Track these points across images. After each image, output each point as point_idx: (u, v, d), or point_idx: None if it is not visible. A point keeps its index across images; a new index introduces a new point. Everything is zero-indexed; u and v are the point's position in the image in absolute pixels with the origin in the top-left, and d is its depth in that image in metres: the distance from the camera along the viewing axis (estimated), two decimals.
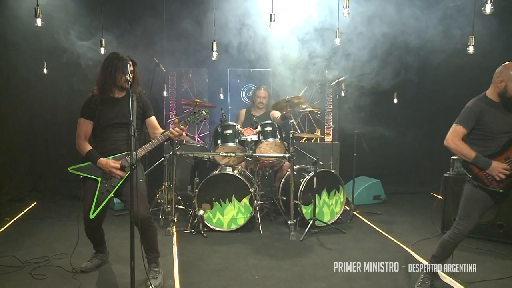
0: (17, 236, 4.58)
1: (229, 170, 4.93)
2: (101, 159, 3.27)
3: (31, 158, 6.64)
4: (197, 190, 4.77)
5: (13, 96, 6.09)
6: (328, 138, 6.92)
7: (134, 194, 2.80)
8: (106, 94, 3.30)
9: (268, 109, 5.89)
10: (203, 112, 3.47)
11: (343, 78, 5.71)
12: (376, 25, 5.76)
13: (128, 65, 3.04)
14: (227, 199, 4.78)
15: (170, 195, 5.11)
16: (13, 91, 6.09)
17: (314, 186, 4.75)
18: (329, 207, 5.02)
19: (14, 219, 5.23)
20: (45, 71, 5.88)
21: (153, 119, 3.53)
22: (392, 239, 4.58)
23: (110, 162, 3.26)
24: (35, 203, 6.04)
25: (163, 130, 3.45)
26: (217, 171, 4.98)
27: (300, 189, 4.89)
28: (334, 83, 5.88)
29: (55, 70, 6.03)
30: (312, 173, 4.86)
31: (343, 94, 5.65)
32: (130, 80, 2.95)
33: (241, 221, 4.78)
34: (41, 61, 5.91)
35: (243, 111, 5.94)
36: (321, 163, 5.03)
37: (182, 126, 3.32)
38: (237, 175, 4.78)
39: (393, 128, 6.55)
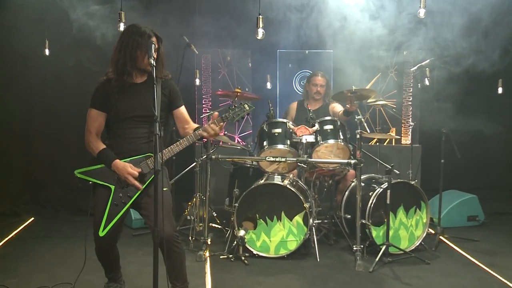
0: (10, 260, 4.70)
1: (277, 180, 4.91)
2: (117, 161, 3.28)
3: (27, 160, 6.78)
4: (236, 205, 4.78)
5: (5, 80, 6.22)
6: (407, 140, 6.78)
7: (159, 207, 2.79)
8: (124, 78, 3.31)
9: (326, 101, 5.83)
10: (246, 106, 3.45)
11: (427, 61, 5.55)
12: None
13: (153, 44, 3.06)
14: (275, 217, 4.75)
15: (203, 210, 5.14)
16: (6, 73, 6.21)
17: (388, 202, 4.65)
18: (408, 229, 4.90)
19: (6, 238, 5.38)
20: (47, 52, 6.05)
21: (182, 110, 3.53)
22: (496, 275, 4.39)
23: (127, 167, 3.26)
24: (32, 218, 6.21)
25: (196, 126, 3.44)
26: (262, 181, 4.97)
27: (369, 205, 4.81)
28: (415, 68, 5.74)
29: (60, 47, 6.13)
30: (385, 185, 4.75)
31: (427, 83, 5.51)
32: (154, 64, 2.97)
33: (292, 245, 4.74)
34: (42, 35, 5.98)
35: (294, 104, 5.91)
36: (397, 172, 4.94)
37: (221, 123, 3.32)
38: (288, 186, 4.75)
39: (496, 127, 6.33)
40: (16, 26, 6.12)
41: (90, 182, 3.33)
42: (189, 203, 5.57)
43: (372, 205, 4.80)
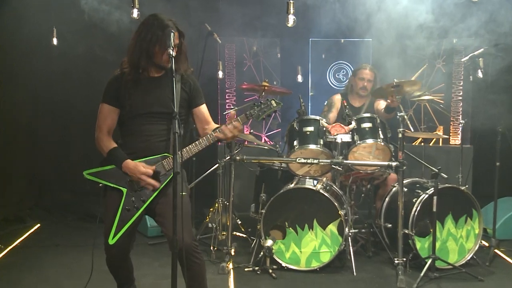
0: (14, 270, 4.77)
1: (309, 184, 4.91)
2: (128, 161, 3.31)
3: (33, 160, 6.87)
4: (263, 211, 4.78)
5: (9, 73, 6.28)
6: (456, 139, 6.70)
7: (177, 213, 2.79)
8: (139, 73, 3.35)
9: (371, 98, 5.78)
10: (273, 102, 3.45)
11: (481, 50, 5.46)
12: None
13: (172, 34, 3.08)
14: (306, 225, 4.75)
15: (226, 217, 5.16)
16: (10, 66, 6.27)
17: (434, 210, 4.60)
18: (457, 241, 4.85)
19: (10, 247, 5.45)
20: (55, 41, 6.11)
21: (203, 109, 3.56)
22: None
23: (139, 166, 3.29)
24: (38, 224, 6.31)
25: (216, 126, 3.46)
26: (292, 185, 4.96)
27: (412, 213, 4.77)
28: (467, 58, 5.66)
29: (69, 35, 6.19)
30: (431, 191, 4.71)
31: (480, 75, 5.42)
32: (173, 55, 2.99)
33: (326, 257, 4.73)
34: (49, 22, 6.05)
35: (338, 97, 5.84)
36: (445, 175, 4.89)
37: (237, 123, 3.31)
38: (320, 190, 4.73)
39: None
40: (20, 12, 6.18)
41: (100, 184, 3.36)
42: (211, 209, 5.60)
43: (416, 213, 4.75)
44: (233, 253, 4.91)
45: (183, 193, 3.23)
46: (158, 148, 3.36)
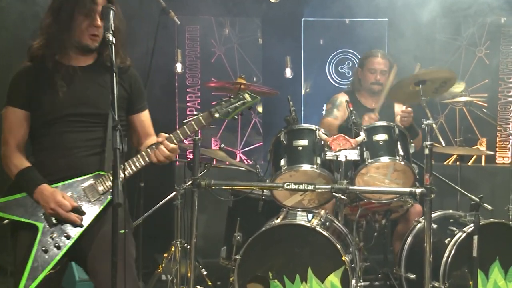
0: None
1: (301, 218, 4.94)
2: (44, 186, 3.26)
3: None
4: (238, 257, 4.80)
5: None
6: (505, 156, 6.78)
7: (116, 260, 2.81)
8: (57, 59, 3.34)
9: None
10: (246, 95, 3.48)
11: None
12: None
13: (113, 12, 3.09)
14: (298, 276, 4.75)
15: (186, 265, 5.17)
16: None
17: (475, 255, 4.65)
18: None
19: None
20: None
21: (144, 117, 3.61)
22: None
23: (56, 195, 3.23)
24: None
25: (153, 141, 3.45)
26: (278, 220, 4.99)
27: (445, 259, 4.82)
28: None
29: None
30: (470, 228, 4.77)
31: None
32: (113, 42, 2.99)
33: None
34: None
35: (343, 97, 5.80)
36: (489, 207, 4.96)
37: (172, 145, 3.33)
38: (317, 228, 4.76)
39: None
40: None
41: (6, 221, 3.30)
42: (165, 255, 5.61)
43: (449, 258, 4.80)
44: None
45: (124, 230, 3.15)
46: (87, 164, 3.35)
